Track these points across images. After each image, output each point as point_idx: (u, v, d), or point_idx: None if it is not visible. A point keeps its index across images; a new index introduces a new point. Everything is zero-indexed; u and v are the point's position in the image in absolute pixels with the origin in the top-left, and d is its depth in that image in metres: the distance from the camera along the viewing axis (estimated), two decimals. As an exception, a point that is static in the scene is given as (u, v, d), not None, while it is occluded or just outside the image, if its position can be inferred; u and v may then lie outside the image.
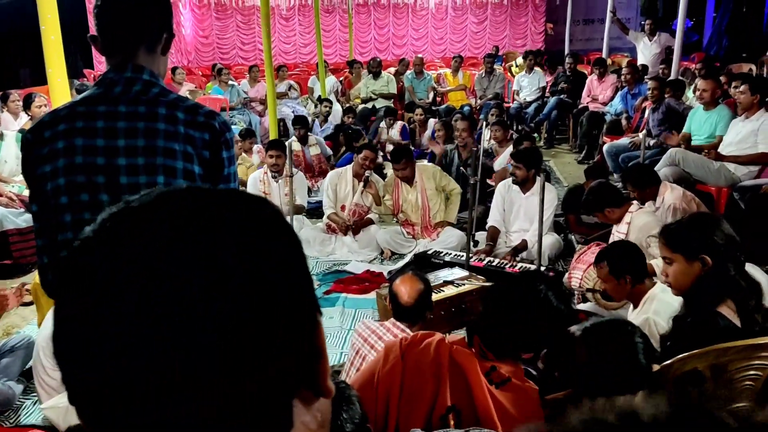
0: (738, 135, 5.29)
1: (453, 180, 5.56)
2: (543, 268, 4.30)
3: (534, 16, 17.75)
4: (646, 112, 7.30)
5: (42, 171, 1.53)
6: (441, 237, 5.24)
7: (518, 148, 5.34)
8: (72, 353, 0.48)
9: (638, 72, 8.43)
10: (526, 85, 10.07)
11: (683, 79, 8.29)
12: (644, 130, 6.82)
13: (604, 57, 10.76)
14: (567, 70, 10.08)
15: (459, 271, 4.22)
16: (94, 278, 0.47)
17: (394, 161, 5.37)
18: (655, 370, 1.78)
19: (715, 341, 1.83)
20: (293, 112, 9.32)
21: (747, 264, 2.93)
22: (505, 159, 5.81)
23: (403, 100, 10.49)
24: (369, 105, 10.06)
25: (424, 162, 6.51)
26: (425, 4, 17.13)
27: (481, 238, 4.97)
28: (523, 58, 10.91)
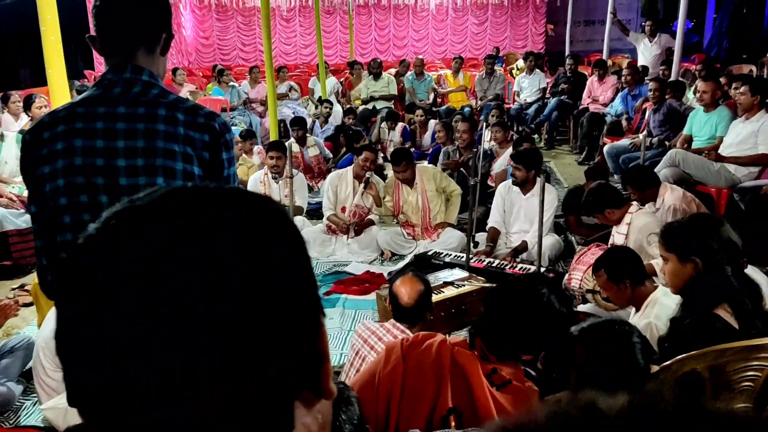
0: (738, 136, 5.29)
1: (453, 181, 5.56)
2: (543, 270, 4.30)
3: (534, 18, 17.74)
4: (647, 113, 7.30)
5: (41, 172, 1.53)
6: (441, 238, 5.24)
7: (518, 150, 5.33)
8: (73, 352, 0.48)
9: (638, 73, 8.43)
10: (527, 86, 10.06)
11: (683, 81, 8.28)
12: (644, 131, 6.83)
13: (605, 58, 10.75)
14: (567, 71, 10.08)
15: (459, 272, 4.22)
16: (95, 278, 0.47)
17: (395, 164, 5.36)
18: (654, 371, 1.78)
19: (712, 343, 1.83)
20: (294, 113, 9.31)
21: (747, 266, 2.94)
22: (506, 160, 5.80)
23: (404, 102, 10.49)
24: (369, 106, 10.05)
25: (424, 163, 6.51)
26: (426, 6, 17.13)
27: (481, 239, 4.97)
28: (524, 60, 10.90)
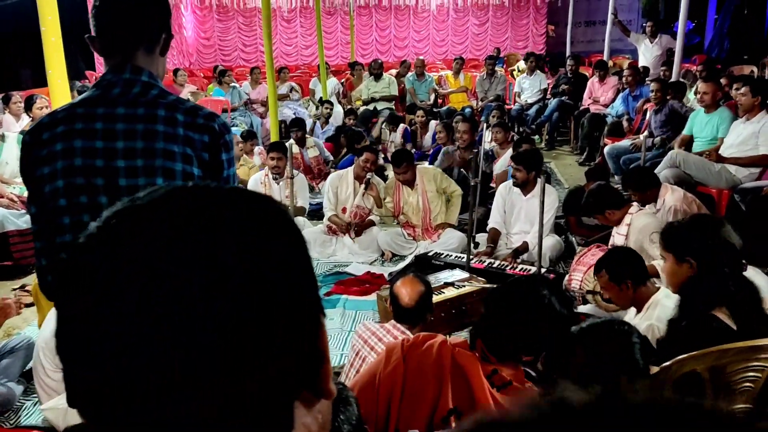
0: (739, 137, 5.28)
1: (454, 182, 5.56)
2: (543, 270, 4.30)
3: (535, 18, 17.75)
4: (647, 114, 7.30)
5: (40, 173, 1.52)
6: (442, 239, 5.24)
7: (519, 151, 5.33)
8: (73, 351, 0.48)
9: (639, 74, 8.42)
10: (528, 87, 10.07)
11: (684, 81, 8.28)
12: (645, 132, 6.82)
13: (606, 59, 10.75)
14: (568, 72, 10.08)
15: (459, 273, 4.22)
16: (96, 277, 0.47)
17: (395, 165, 5.36)
18: (654, 372, 1.78)
19: (710, 344, 1.83)
20: (295, 114, 9.31)
21: (748, 267, 2.93)
22: (506, 161, 5.80)
23: (405, 102, 10.51)
24: (370, 107, 10.05)
25: (425, 164, 6.51)
26: (427, 6, 17.14)
27: (482, 240, 4.96)
28: (525, 61, 10.90)
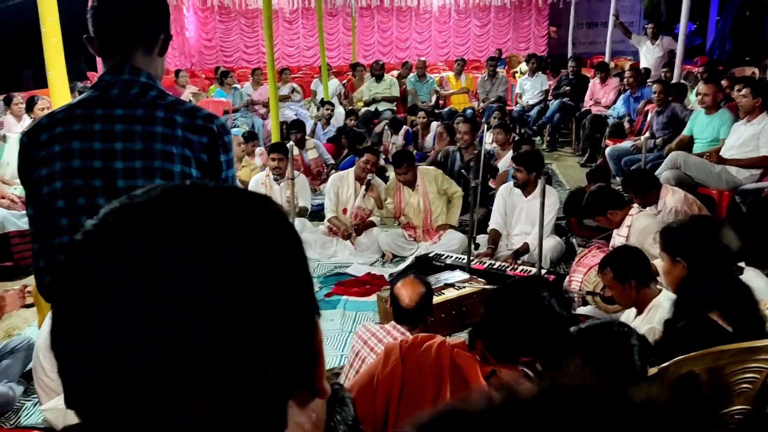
0: (740, 138, 5.28)
1: (455, 183, 5.56)
2: (544, 272, 4.29)
3: (537, 20, 17.75)
4: (649, 115, 7.30)
5: (38, 174, 1.51)
6: (442, 240, 5.24)
7: (519, 152, 5.34)
8: (70, 349, 0.48)
9: (641, 75, 8.42)
10: (529, 89, 10.07)
11: (685, 83, 8.28)
12: (647, 133, 6.82)
13: (607, 60, 10.75)
14: (570, 74, 10.08)
15: (460, 274, 4.21)
16: (92, 274, 0.47)
17: (396, 166, 5.37)
18: (652, 373, 1.78)
19: (706, 345, 1.82)
20: (296, 115, 9.32)
21: (748, 268, 2.92)
22: (507, 162, 5.80)
23: (406, 104, 10.51)
24: (372, 108, 10.06)
25: (427, 165, 6.51)
26: (428, 8, 17.14)
27: (483, 241, 4.96)
28: (526, 62, 10.90)
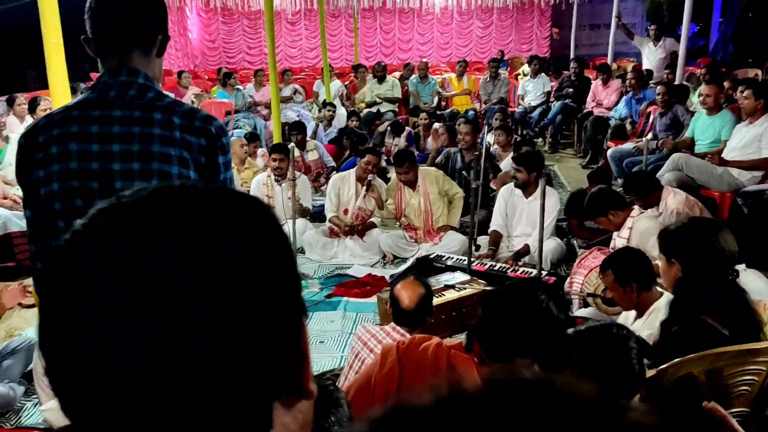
0: (742, 140, 5.27)
1: (456, 184, 5.56)
2: (545, 273, 4.29)
3: (540, 21, 17.75)
4: (651, 117, 7.28)
5: (35, 176, 1.52)
6: (443, 241, 5.23)
7: (519, 152, 5.34)
8: (57, 348, 0.48)
9: (643, 77, 8.41)
10: (531, 90, 10.07)
11: (687, 85, 8.26)
12: (649, 135, 6.81)
13: (610, 62, 10.73)
14: (572, 75, 10.07)
15: (460, 275, 4.21)
16: (81, 274, 0.47)
17: (397, 165, 5.37)
18: (651, 375, 1.78)
19: (702, 348, 1.82)
20: (298, 116, 9.33)
21: (748, 270, 2.92)
22: (508, 163, 5.80)
23: (408, 105, 10.52)
24: (374, 109, 10.06)
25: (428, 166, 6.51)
26: (431, 9, 17.15)
27: (484, 243, 4.95)
28: (528, 63, 10.90)
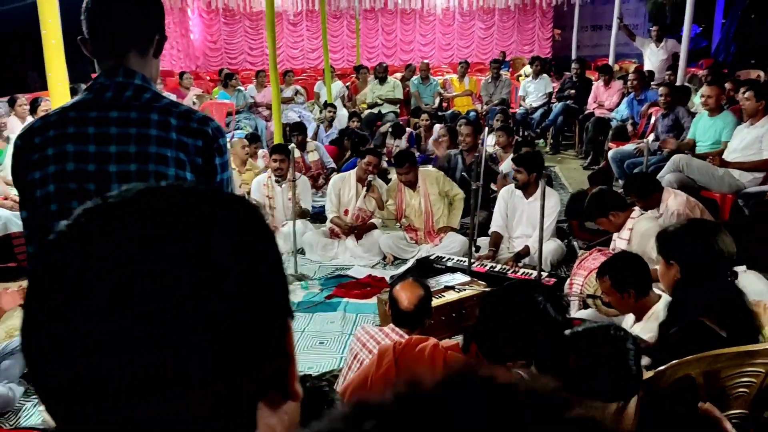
0: (743, 141, 5.26)
1: (456, 185, 5.55)
2: (545, 274, 4.28)
3: (542, 22, 17.73)
4: (653, 118, 7.27)
5: (31, 177, 1.50)
6: (444, 242, 5.23)
7: (519, 153, 5.33)
8: (41, 349, 0.47)
9: (645, 78, 8.40)
10: (533, 91, 10.06)
11: (689, 86, 8.25)
12: (651, 135, 6.80)
13: (611, 63, 10.73)
14: (573, 76, 10.07)
15: (460, 277, 4.20)
16: (65, 274, 0.47)
17: (398, 165, 5.37)
18: (648, 377, 1.77)
19: (700, 350, 1.81)
20: (299, 117, 9.33)
21: (749, 271, 2.91)
22: (509, 164, 5.79)
23: (409, 106, 10.51)
24: (375, 110, 10.06)
25: (428, 167, 6.50)
26: (433, 10, 17.14)
27: (484, 244, 4.95)
28: (530, 64, 10.90)
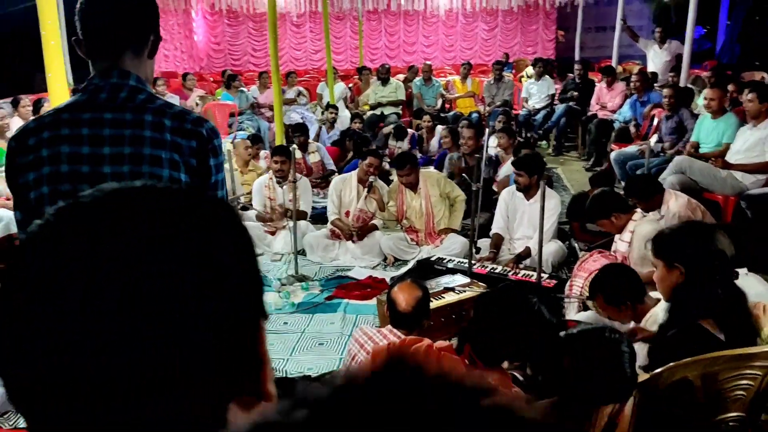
0: (746, 143, 5.25)
1: (457, 187, 5.55)
2: (546, 276, 4.27)
3: (545, 24, 17.72)
4: (655, 120, 7.26)
5: (25, 179, 1.50)
6: (444, 244, 5.23)
7: (519, 156, 5.32)
8: (13, 349, 0.47)
9: (648, 80, 8.38)
10: (535, 93, 10.04)
11: (692, 87, 8.23)
12: (654, 137, 6.78)
13: (615, 65, 10.71)
14: (576, 78, 10.05)
15: (461, 278, 4.20)
16: (32, 274, 0.46)
17: (398, 167, 5.36)
18: (645, 379, 1.77)
19: (698, 353, 1.81)
20: (302, 119, 9.34)
21: (749, 274, 2.90)
22: (510, 166, 5.78)
23: (412, 107, 10.51)
24: (377, 111, 10.06)
25: (430, 169, 6.50)
26: (436, 11, 17.15)
27: (485, 245, 4.94)
28: (533, 66, 10.88)
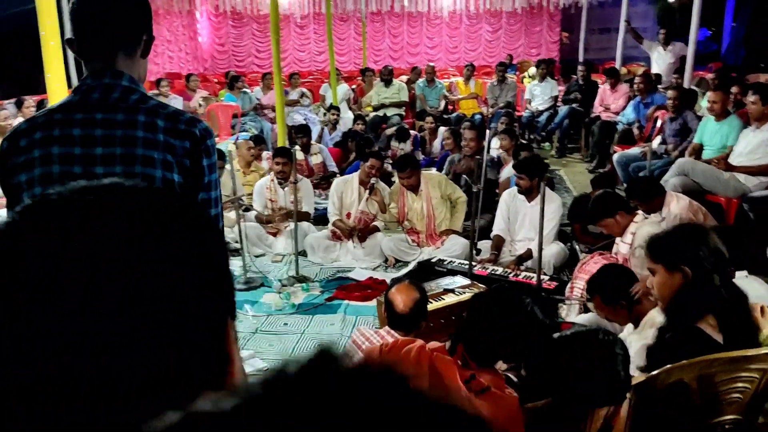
0: (749, 145, 5.23)
1: (458, 188, 5.54)
2: (546, 278, 4.27)
3: (549, 25, 17.68)
4: (659, 122, 7.23)
5: (17, 180, 1.49)
6: (445, 245, 5.22)
7: (519, 159, 5.29)
8: (13, 349, 0.46)
9: (651, 81, 8.36)
10: (539, 94, 10.02)
11: (696, 89, 8.21)
12: (657, 138, 6.76)
13: (618, 66, 10.68)
14: (580, 79, 10.03)
15: (461, 280, 4.19)
16: (39, 274, 0.45)
17: (399, 170, 5.36)
18: (641, 381, 1.76)
19: (695, 356, 1.79)
20: (305, 120, 9.34)
21: (750, 276, 2.88)
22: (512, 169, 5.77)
23: (415, 108, 10.50)
24: (380, 113, 10.05)
25: (432, 170, 6.49)
26: (439, 13, 17.13)
27: (486, 247, 4.93)
28: (536, 67, 10.87)
